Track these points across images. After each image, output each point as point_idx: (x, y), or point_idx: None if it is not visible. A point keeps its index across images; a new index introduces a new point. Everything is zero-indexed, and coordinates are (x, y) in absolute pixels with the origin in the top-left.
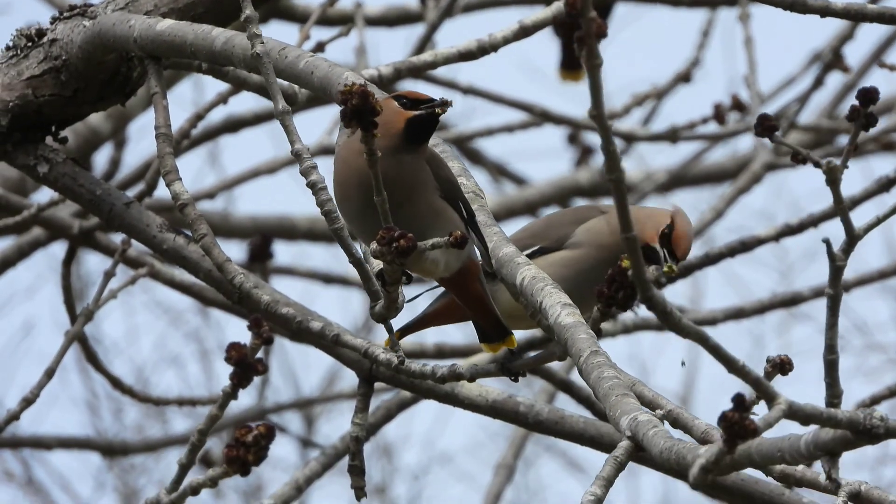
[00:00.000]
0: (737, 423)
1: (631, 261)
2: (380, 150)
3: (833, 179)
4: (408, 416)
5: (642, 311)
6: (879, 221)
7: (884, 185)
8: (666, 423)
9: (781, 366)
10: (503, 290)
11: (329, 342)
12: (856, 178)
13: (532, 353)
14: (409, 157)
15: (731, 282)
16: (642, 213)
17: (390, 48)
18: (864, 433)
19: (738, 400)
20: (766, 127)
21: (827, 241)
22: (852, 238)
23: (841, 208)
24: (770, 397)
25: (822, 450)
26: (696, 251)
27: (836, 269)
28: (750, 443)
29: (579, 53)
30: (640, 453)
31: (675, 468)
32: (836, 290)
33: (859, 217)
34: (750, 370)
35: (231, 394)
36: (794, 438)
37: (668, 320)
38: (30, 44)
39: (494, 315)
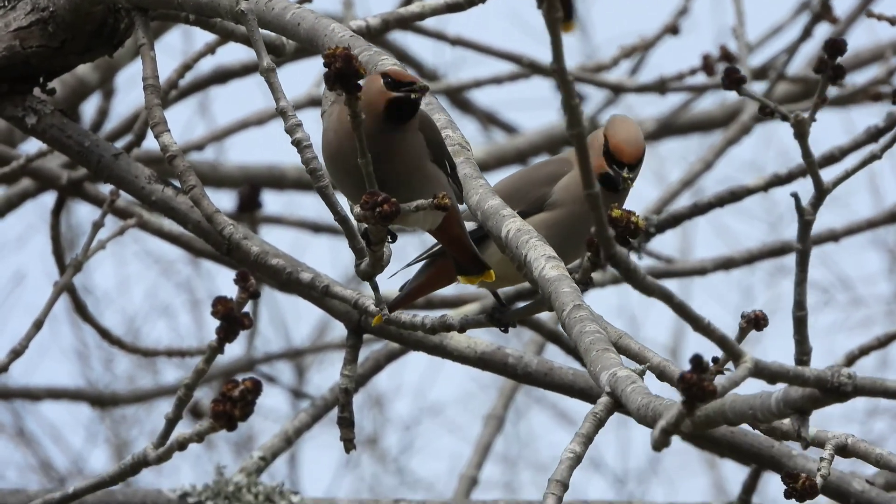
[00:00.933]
0: (695, 385)
1: (594, 217)
2: (368, 127)
3: (801, 133)
4: (399, 367)
5: (633, 260)
6: (848, 175)
7: (872, 136)
8: (653, 376)
9: (756, 321)
10: (492, 252)
11: (319, 293)
12: (840, 129)
13: (521, 304)
14: (398, 134)
15: (721, 233)
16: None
17: (379, 2)
18: (832, 391)
19: (696, 361)
20: (732, 80)
21: (795, 196)
22: (821, 192)
23: (809, 162)
24: (736, 355)
25: (792, 407)
26: (684, 201)
27: (805, 223)
28: (723, 400)
29: (539, 6)
30: (620, 409)
31: (651, 425)
32: (804, 245)
33: (846, 166)
34: (715, 328)
35: (217, 348)
36: (766, 396)
37: (632, 278)
38: None
39: (472, 252)
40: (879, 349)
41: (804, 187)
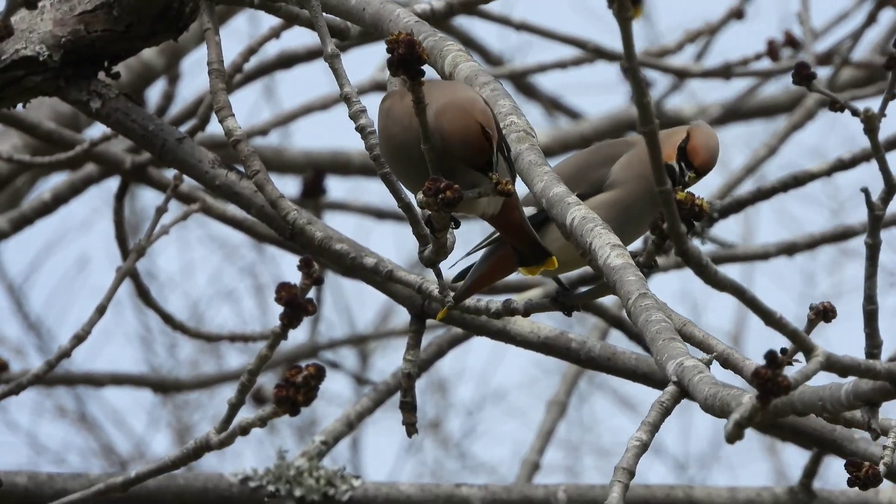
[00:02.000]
0: (770, 380)
1: (666, 213)
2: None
3: (871, 128)
4: (462, 352)
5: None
6: None
7: None
8: (716, 364)
9: (824, 313)
10: (553, 238)
11: (382, 278)
12: None
13: (584, 288)
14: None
15: (783, 219)
16: (661, 136)
17: None
18: None
19: (771, 357)
20: (803, 76)
21: (865, 191)
22: (891, 187)
23: (879, 157)
24: (808, 349)
25: (862, 399)
26: (747, 187)
27: (875, 218)
28: (793, 392)
29: (610, 5)
30: (686, 398)
31: (719, 415)
32: (874, 239)
33: None
34: (787, 322)
35: (281, 334)
36: (835, 387)
37: (704, 273)
38: None
39: (533, 238)
40: None
41: (868, 173)
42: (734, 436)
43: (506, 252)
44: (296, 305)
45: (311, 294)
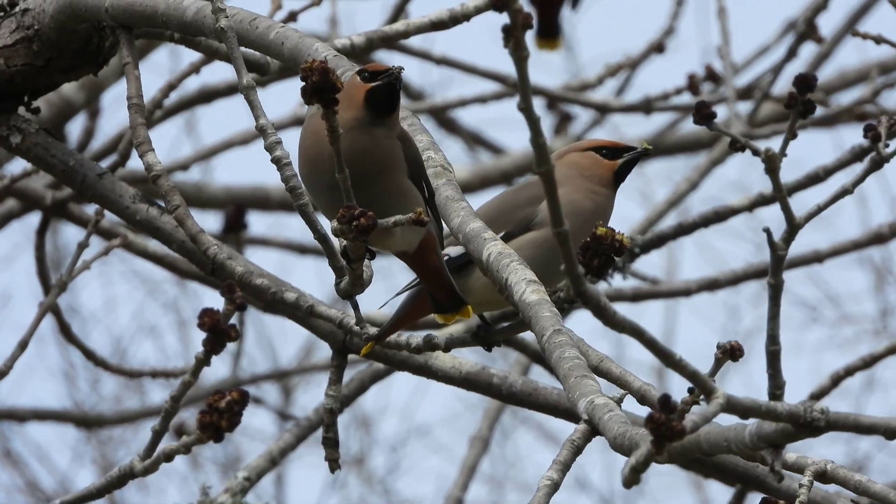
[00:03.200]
0: (663, 425)
1: (563, 255)
2: (348, 124)
3: (772, 168)
4: (386, 387)
5: (617, 281)
6: (820, 210)
7: (857, 155)
8: (634, 401)
9: (732, 352)
10: (476, 277)
11: (304, 313)
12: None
13: (506, 324)
14: (380, 130)
15: (707, 253)
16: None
17: (366, 20)
18: (805, 426)
19: (664, 401)
20: (703, 115)
21: (767, 231)
22: (793, 227)
23: (781, 196)
24: (708, 391)
25: (765, 441)
26: (670, 221)
27: (777, 258)
28: (699, 432)
29: (506, 45)
30: (598, 436)
31: (627, 454)
32: (776, 279)
33: (832, 187)
34: (686, 364)
35: (204, 360)
36: (740, 429)
37: (602, 315)
38: (1, 14)
39: (450, 286)
40: (865, 370)
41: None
42: (631, 481)
43: (425, 296)
44: (219, 331)
45: (234, 320)
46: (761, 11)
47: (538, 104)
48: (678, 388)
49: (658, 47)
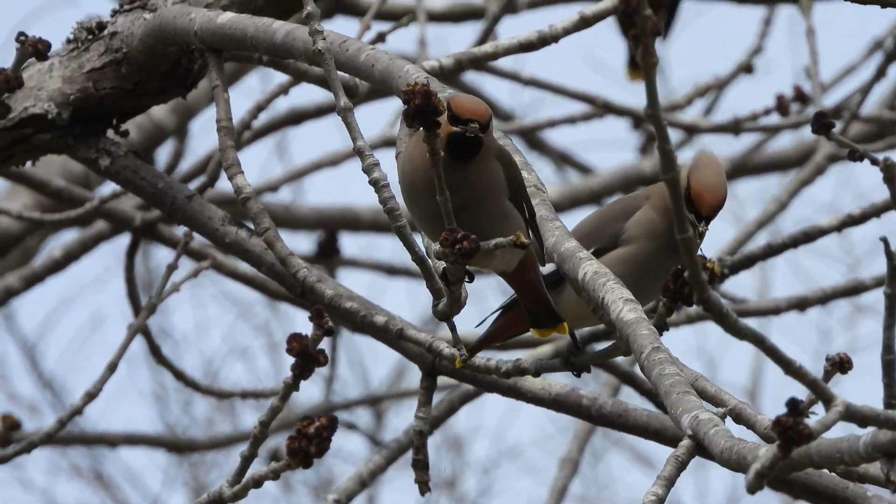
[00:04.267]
0: (791, 429)
1: (686, 262)
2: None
3: (890, 177)
4: (477, 409)
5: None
6: None
7: None
8: (729, 419)
9: (841, 364)
10: (568, 294)
11: (393, 337)
12: None
13: (596, 348)
14: (472, 167)
15: (798, 273)
16: (660, 188)
17: (455, 43)
18: None
19: (793, 405)
20: (822, 125)
21: (884, 240)
22: None
23: None
24: (827, 399)
25: (881, 451)
26: (759, 241)
27: (893, 267)
28: (810, 444)
29: (635, 51)
30: (702, 452)
31: (735, 468)
32: (893, 289)
33: None
34: (807, 372)
35: (292, 385)
36: (854, 439)
37: (724, 322)
38: (90, 37)
39: (547, 302)
40: None
41: (881, 227)
42: (755, 486)
43: (520, 310)
44: (307, 356)
45: (324, 345)
46: (849, 30)
47: (625, 124)
48: (769, 411)
49: (747, 68)
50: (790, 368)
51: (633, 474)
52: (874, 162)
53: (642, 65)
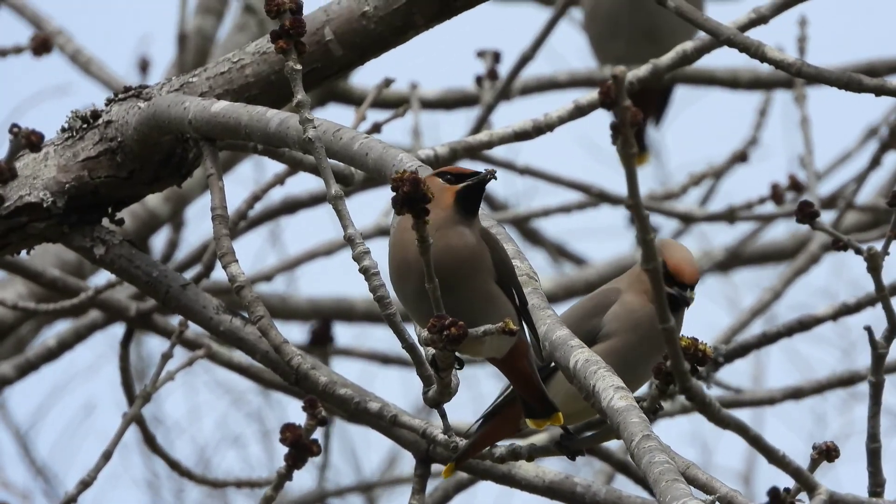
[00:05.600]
0: None
1: (669, 351)
2: (435, 224)
3: (874, 266)
4: (469, 497)
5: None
6: None
7: None
8: None
9: (827, 452)
10: (557, 392)
11: (387, 423)
12: None
13: (589, 433)
14: (467, 230)
15: (794, 359)
16: (636, 273)
17: (448, 130)
18: None
19: (774, 493)
20: (806, 213)
21: (869, 329)
22: (894, 325)
23: (882, 296)
24: (811, 487)
25: None
26: (754, 330)
27: (878, 356)
28: None
29: (614, 142)
30: None
31: None
32: (877, 378)
33: None
34: (790, 460)
35: (286, 475)
36: None
37: (707, 411)
38: (85, 125)
39: (541, 391)
40: None
41: (874, 317)
42: None
43: (510, 411)
44: (300, 446)
45: (317, 435)
46: (844, 116)
47: (622, 214)
48: (763, 497)
49: (741, 156)
50: (774, 457)
51: None
52: (858, 252)
53: (621, 155)
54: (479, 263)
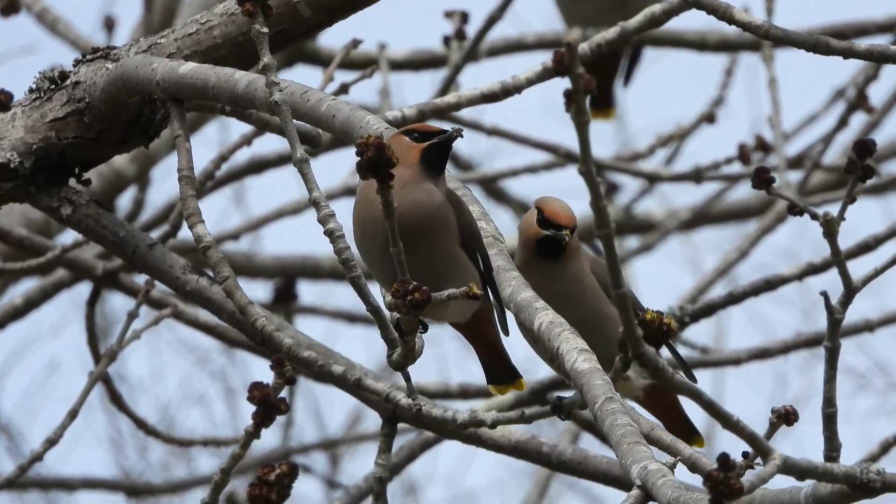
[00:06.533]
0: (721, 483)
1: (621, 317)
2: (399, 182)
3: (830, 232)
4: (433, 455)
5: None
6: (877, 273)
7: None
8: (685, 468)
9: (786, 416)
10: None
11: (351, 386)
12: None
13: (555, 395)
14: (432, 188)
15: (756, 321)
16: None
17: (416, 91)
18: (860, 487)
19: (723, 459)
20: (762, 179)
21: (825, 294)
22: (850, 290)
23: (839, 261)
24: (765, 452)
25: (821, 503)
26: (720, 290)
27: (834, 321)
28: (752, 494)
29: (567, 109)
30: (651, 502)
31: None
32: (833, 343)
33: (882, 255)
34: (744, 426)
35: (254, 433)
36: (795, 491)
37: (660, 377)
38: (53, 86)
39: (504, 357)
40: None
41: (839, 277)
42: None
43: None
44: (268, 405)
45: (284, 394)
46: (810, 78)
47: None
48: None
49: (708, 117)
50: (728, 423)
51: None
52: (814, 217)
53: (575, 123)
54: (444, 222)
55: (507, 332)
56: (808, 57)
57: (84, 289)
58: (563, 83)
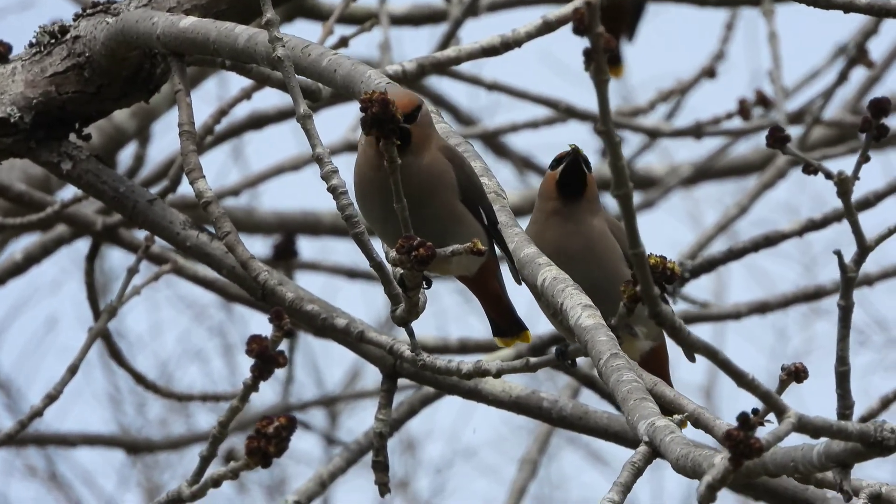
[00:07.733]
0: (742, 442)
1: (639, 275)
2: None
3: (844, 191)
4: (431, 411)
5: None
6: (891, 232)
7: None
8: (688, 422)
9: (796, 374)
10: None
11: (353, 339)
12: (878, 171)
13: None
14: (411, 158)
15: (756, 275)
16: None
17: (416, 45)
18: (874, 445)
19: (743, 419)
20: (777, 138)
21: (838, 253)
22: (864, 249)
23: (852, 220)
24: (779, 410)
25: (834, 461)
26: (720, 245)
27: (848, 280)
28: (765, 453)
29: (587, 68)
30: (658, 458)
31: (691, 475)
32: (847, 301)
33: (885, 211)
34: (759, 384)
35: (252, 386)
36: (807, 448)
37: (676, 336)
38: (53, 41)
39: (510, 310)
40: None
41: (838, 232)
42: (707, 498)
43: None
44: (267, 357)
45: (282, 348)
46: (811, 35)
47: (587, 128)
48: (727, 413)
49: (709, 72)
50: (743, 380)
51: (588, 473)
52: (829, 176)
53: (595, 82)
54: (440, 182)
55: (518, 281)
56: (808, 11)
57: (83, 244)
58: (562, 38)
